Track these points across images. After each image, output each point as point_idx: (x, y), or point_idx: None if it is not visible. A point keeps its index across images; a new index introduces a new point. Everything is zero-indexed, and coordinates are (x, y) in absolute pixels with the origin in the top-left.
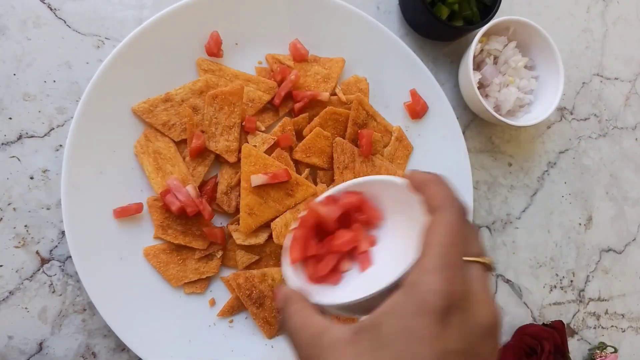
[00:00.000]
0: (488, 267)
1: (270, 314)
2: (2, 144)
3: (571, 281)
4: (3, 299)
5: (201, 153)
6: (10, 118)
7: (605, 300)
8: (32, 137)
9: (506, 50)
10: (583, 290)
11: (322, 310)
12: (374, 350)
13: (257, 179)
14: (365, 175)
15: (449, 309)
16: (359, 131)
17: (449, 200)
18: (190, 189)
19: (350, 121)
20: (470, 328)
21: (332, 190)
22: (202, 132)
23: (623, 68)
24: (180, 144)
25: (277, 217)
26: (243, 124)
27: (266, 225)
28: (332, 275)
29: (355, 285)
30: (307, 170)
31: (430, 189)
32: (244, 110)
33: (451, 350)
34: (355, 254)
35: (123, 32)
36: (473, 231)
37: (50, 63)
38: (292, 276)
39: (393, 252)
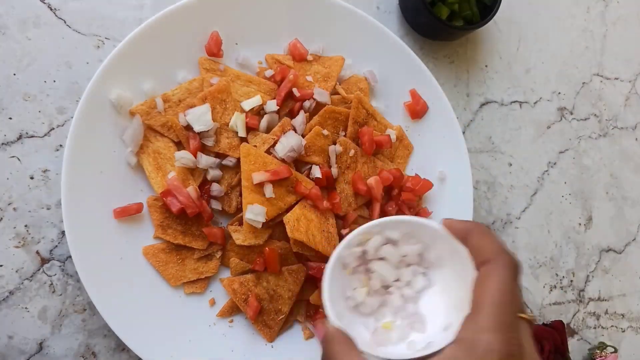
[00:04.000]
0: (531, 323)
1: (269, 317)
2: (2, 144)
3: (571, 281)
4: (3, 299)
5: (201, 153)
6: (11, 118)
7: (605, 300)
8: (32, 137)
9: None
10: (583, 290)
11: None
12: None
13: (259, 176)
14: (368, 177)
15: None
16: (359, 129)
17: (500, 254)
18: (191, 190)
19: (351, 120)
20: None
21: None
22: (199, 133)
23: (623, 68)
24: (180, 143)
25: (279, 214)
26: (247, 120)
27: (266, 226)
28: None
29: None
30: (307, 169)
31: (477, 240)
32: (237, 104)
33: None
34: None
35: (123, 32)
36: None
37: (50, 63)
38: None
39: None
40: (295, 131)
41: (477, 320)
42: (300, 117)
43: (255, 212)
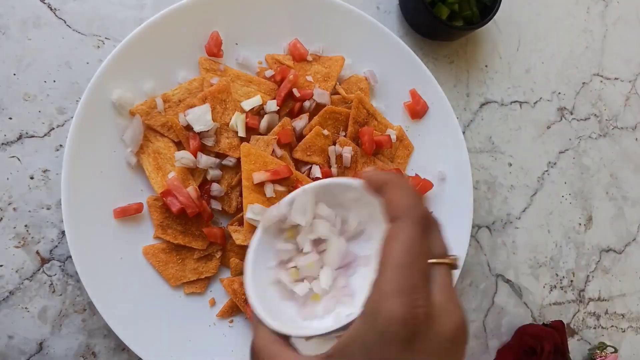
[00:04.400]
0: (452, 266)
1: None
2: (2, 144)
3: (571, 281)
4: (3, 299)
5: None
6: (11, 118)
7: (605, 300)
8: (32, 137)
9: None
10: (583, 290)
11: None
12: None
13: (260, 175)
14: None
15: (414, 334)
16: (359, 129)
17: (407, 210)
18: (191, 190)
19: (351, 120)
20: (437, 344)
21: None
22: (199, 133)
23: (623, 68)
24: (180, 143)
25: None
26: (247, 120)
27: None
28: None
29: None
30: (307, 169)
31: (389, 194)
32: (237, 104)
33: None
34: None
35: (123, 32)
36: (436, 230)
37: (50, 63)
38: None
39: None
40: (295, 131)
41: (380, 286)
42: (303, 122)
43: (255, 212)
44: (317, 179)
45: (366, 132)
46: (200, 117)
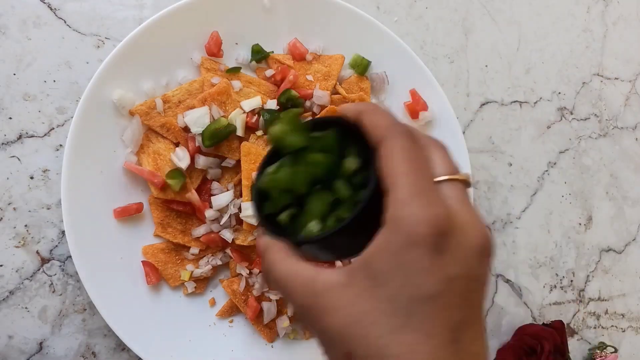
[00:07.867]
0: (465, 183)
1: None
2: (2, 143)
3: (571, 281)
4: (3, 299)
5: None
6: (10, 118)
7: (605, 300)
8: (32, 136)
9: None
10: (583, 290)
11: (302, 255)
12: (373, 289)
13: None
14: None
15: (438, 236)
16: None
17: (393, 128)
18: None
19: None
20: (465, 250)
21: None
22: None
23: (623, 68)
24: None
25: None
26: (247, 120)
27: None
28: None
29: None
30: None
31: (368, 119)
32: (237, 105)
33: (453, 276)
34: None
35: (123, 32)
36: (438, 149)
37: (50, 63)
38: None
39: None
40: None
41: (395, 196)
42: None
43: (250, 210)
44: None
45: None
46: (198, 119)
